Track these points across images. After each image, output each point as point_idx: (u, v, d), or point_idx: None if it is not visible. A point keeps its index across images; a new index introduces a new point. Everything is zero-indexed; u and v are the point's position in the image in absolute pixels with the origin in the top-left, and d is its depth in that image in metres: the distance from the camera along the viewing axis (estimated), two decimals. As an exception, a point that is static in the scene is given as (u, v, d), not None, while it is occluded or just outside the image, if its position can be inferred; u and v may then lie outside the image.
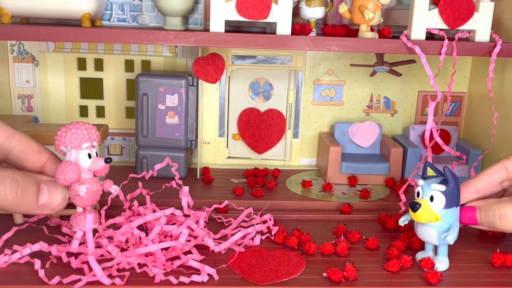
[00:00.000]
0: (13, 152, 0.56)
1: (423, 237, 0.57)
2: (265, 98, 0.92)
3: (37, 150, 0.57)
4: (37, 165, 0.57)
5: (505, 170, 0.58)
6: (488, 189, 0.58)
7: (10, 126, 0.56)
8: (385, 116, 0.95)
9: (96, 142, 0.57)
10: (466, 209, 0.57)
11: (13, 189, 0.52)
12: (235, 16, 0.66)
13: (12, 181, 0.52)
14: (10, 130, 0.56)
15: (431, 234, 0.56)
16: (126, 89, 0.90)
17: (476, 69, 0.92)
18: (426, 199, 0.55)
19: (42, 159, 0.57)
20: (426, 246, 0.59)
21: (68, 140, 0.55)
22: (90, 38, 0.66)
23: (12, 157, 0.56)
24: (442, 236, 0.55)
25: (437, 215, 0.55)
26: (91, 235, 0.54)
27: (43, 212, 0.55)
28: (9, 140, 0.55)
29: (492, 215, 0.55)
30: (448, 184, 0.54)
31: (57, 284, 0.51)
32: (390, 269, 0.56)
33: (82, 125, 0.56)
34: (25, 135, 0.57)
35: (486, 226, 0.56)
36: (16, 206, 0.53)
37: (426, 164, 0.57)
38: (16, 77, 0.88)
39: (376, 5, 0.68)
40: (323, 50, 0.68)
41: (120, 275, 0.53)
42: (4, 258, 0.54)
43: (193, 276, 0.52)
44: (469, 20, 0.69)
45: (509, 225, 0.54)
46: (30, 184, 0.54)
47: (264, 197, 0.77)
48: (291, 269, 0.56)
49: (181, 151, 0.84)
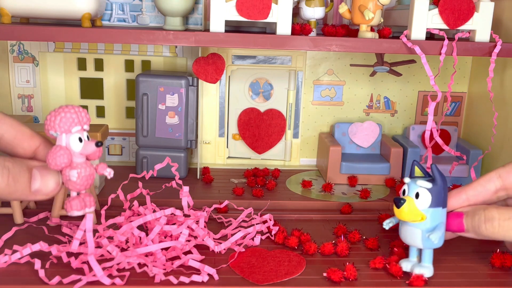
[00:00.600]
0: (5, 137, 0.54)
1: (407, 240, 0.55)
2: (265, 98, 0.92)
3: (29, 135, 0.55)
4: (30, 150, 0.55)
5: (499, 178, 0.55)
6: (480, 198, 0.55)
7: (0, 111, 0.55)
8: (385, 116, 0.95)
9: (86, 125, 0.56)
10: (454, 214, 0.54)
11: (5, 176, 0.51)
12: (235, 16, 0.66)
13: (3, 168, 0.51)
14: (1, 115, 0.54)
15: (416, 235, 0.54)
16: (126, 89, 0.90)
17: (476, 69, 0.92)
18: (411, 196, 0.53)
19: (35, 144, 0.55)
20: (410, 252, 0.56)
21: (58, 124, 0.54)
22: (90, 38, 0.66)
23: (3, 142, 0.54)
24: (426, 235, 0.53)
25: (422, 214, 0.53)
26: (91, 235, 0.54)
27: (36, 198, 0.53)
28: (0, 125, 0.54)
29: (477, 220, 0.52)
30: (435, 182, 0.53)
31: (57, 284, 0.51)
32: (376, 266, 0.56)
33: (72, 108, 0.54)
34: (16, 120, 0.55)
35: (472, 233, 0.53)
36: (8, 194, 0.51)
37: (414, 164, 0.56)
38: (16, 77, 0.88)
39: (376, 5, 0.68)
40: (323, 50, 0.68)
41: (120, 275, 0.53)
42: (4, 258, 0.54)
43: (193, 276, 0.52)
44: (469, 20, 0.69)
45: (494, 229, 0.51)
46: (22, 170, 0.53)
47: (264, 197, 0.77)
48: (291, 269, 0.56)
49: (181, 151, 0.84)
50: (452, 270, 0.58)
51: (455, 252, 0.61)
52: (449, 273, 0.57)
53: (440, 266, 0.59)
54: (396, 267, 0.55)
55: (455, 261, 0.59)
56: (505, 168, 0.55)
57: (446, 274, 0.57)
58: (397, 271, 0.55)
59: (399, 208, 0.53)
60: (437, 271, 0.57)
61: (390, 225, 0.57)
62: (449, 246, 0.57)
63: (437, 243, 0.53)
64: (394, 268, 0.55)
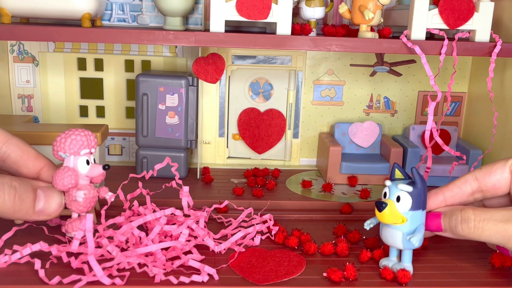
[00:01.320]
0: (11, 157, 0.56)
1: (387, 241, 0.56)
2: (265, 98, 0.92)
3: (34, 155, 0.57)
4: (34, 171, 0.57)
5: (475, 181, 0.56)
6: (457, 199, 0.56)
7: (7, 131, 0.56)
8: (385, 116, 0.95)
9: (94, 149, 0.58)
10: (432, 215, 0.55)
11: (11, 195, 0.52)
12: (235, 16, 0.66)
13: (10, 187, 0.52)
14: (8, 135, 0.56)
15: (396, 236, 0.54)
16: (126, 89, 0.90)
17: (476, 69, 0.92)
18: (392, 200, 0.54)
19: (40, 165, 0.57)
20: (390, 251, 0.57)
21: (68, 146, 0.56)
22: (90, 38, 0.66)
23: (9, 162, 0.56)
24: (407, 238, 0.54)
25: (403, 217, 0.53)
26: (91, 235, 0.54)
27: (39, 218, 0.55)
28: (7, 145, 0.55)
29: (454, 220, 0.53)
30: (415, 185, 0.54)
31: (57, 284, 0.51)
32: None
33: (82, 131, 0.57)
34: (22, 141, 0.57)
35: (449, 232, 0.54)
36: (13, 213, 0.53)
37: (394, 166, 0.57)
38: (16, 77, 0.88)
39: (376, 5, 0.68)
40: (323, 50, 0.68)
41: (120, 275, 0.53)
42: (4, 258, 0.54)
43: (193, 276, 0.52)
44: (469, 20, 0.69)
45: (470, 230, 0.52)
46: (28, 190, 0.54)
47: (264, 197, 0.77)
48: (291, 269, 0.56)
49: (181, 151, 0.84)
50: (452, 270, 0.58)
51: (455, 252, 0.61)
52: (449, 273, 0.57)
53: (440, 266, 0.59)
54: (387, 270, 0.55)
55: (455, 261, 0.59)
56: (481, 171, 0.56)
57: (446, 274, 0.57)
58: (389, 274, 0.55)
59: (380, 211, 0.54)
60: (437, 271, 0.57)
61: (371, 225, 0.58)
62: (449, 246, 0.57)
63: (417, 245, 0.54)
64: (386, 272, 0.55)
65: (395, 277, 0.55)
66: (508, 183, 0.55)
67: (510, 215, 0.51)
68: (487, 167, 0.56)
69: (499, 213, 0.51)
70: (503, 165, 0.55)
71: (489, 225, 0.51)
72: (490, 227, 0.51)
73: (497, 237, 0.51)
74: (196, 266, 0.54)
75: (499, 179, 0.55)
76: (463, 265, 0.59)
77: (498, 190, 0.55)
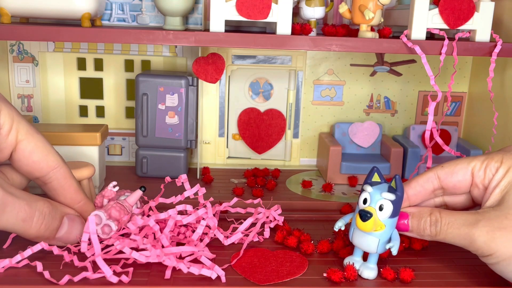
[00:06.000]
0: (53, 184, 0.55)
1: (361, 246, 0.55)
2: (265, 98, 0.92)
3: (74, 189, 0.57)
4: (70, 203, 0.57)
5: (437, 179, 0.56)
6: (419, 197, 0.57)
7: (60, 157, 0.56)
8: (385, 116, 0.95)
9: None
10: (399, 215, 0.55)
11: (38, 223, 0.53)
12: (235, 16, 0.66)
13: (40, 215, 0.53)
14: (59, 162, 0.55)
15: (372, 243, 0.53)
16: (126, 89, 0.90)
17: (477, 69, 0.92)
18: (375, 208, 0.53)
19: (77, 199, 0.57)
20: (355, 251, 0.56)
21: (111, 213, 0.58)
22: (90, 38, 0.66)
23: (50, 187, 0.56)
24: (386, 247, 0.53)
25: (382, 224, 0.53)
26: (95, 237, 0.54)
27: (55, 243, 0.56)
28: (54, 172, 0.55)
29: (423, 222, 0.54)
30: (396, 193, 0.52)
31: (66, 284, 0.51)
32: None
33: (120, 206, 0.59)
34: (69, 171, 0.56)
35: (416, 234, 0.54)
36: (35, 237, 0.54)
37: (374, 170, 0.55)
38: (16, 77, 0.87)
39: (376, 5, 0.68)
40: (323, 50, 0.68)
41: (124, 271, 0.53)
42: (4, 262, 0.54)
43: (202, 269, 0.52)
44: (469, 20, 0.69)
45: (437, 233, 0.53)
46: (55, 219, 0.55)
47: (264, 197, 0.77)
48: (293, 270, 0.56)
49: (181, 151, 0.84)
50: (452, 270, 0.58)
51: (455, 252, 0.61)
52: (449, 273, 0.57)
53: (439, 266, 0.59)
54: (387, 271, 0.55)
55: (454, 261, 0.59)
56: (444, 170, 0.56)
57: (446, 274, 0.57)
58: (390, 274, 0.55)
59: (365, 222, 0.53)
60: (436, 271, 0.57)
61: (342, 228, 0.57)
62: (448, 246, 0.57)
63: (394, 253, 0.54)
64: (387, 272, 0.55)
65: (396, 277, 0.55)
66: (468, 185, 0.56)
67: (472, 219, 0.51)
68: (449, 166, 0.56)
69: (462, 217, 0.52)
70: (465, 167, 0.55)
71: (453, 229, 0.52)
72: (453, 230, 0.52)
73: (460, 240, 0.52)
74: (207, 264, 0.54)
75: (460, 180, 0.55)
76: (462, 264, 0.59)
77: (458, 190, 0.56)
